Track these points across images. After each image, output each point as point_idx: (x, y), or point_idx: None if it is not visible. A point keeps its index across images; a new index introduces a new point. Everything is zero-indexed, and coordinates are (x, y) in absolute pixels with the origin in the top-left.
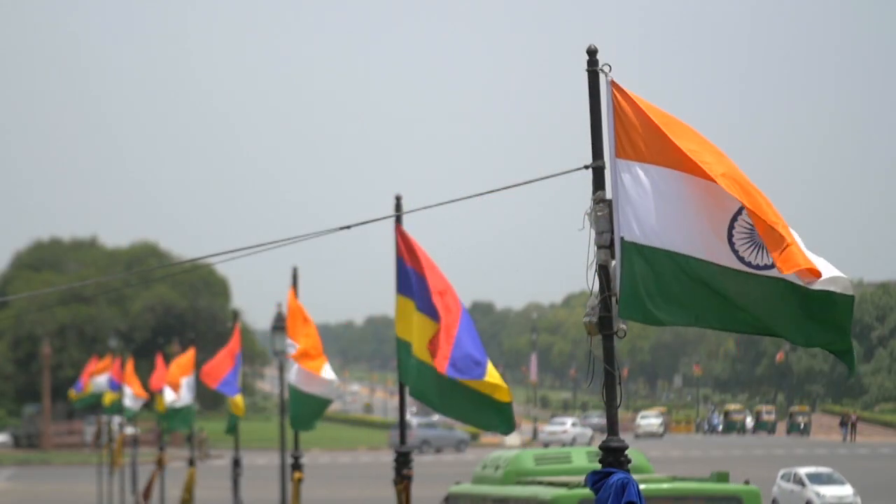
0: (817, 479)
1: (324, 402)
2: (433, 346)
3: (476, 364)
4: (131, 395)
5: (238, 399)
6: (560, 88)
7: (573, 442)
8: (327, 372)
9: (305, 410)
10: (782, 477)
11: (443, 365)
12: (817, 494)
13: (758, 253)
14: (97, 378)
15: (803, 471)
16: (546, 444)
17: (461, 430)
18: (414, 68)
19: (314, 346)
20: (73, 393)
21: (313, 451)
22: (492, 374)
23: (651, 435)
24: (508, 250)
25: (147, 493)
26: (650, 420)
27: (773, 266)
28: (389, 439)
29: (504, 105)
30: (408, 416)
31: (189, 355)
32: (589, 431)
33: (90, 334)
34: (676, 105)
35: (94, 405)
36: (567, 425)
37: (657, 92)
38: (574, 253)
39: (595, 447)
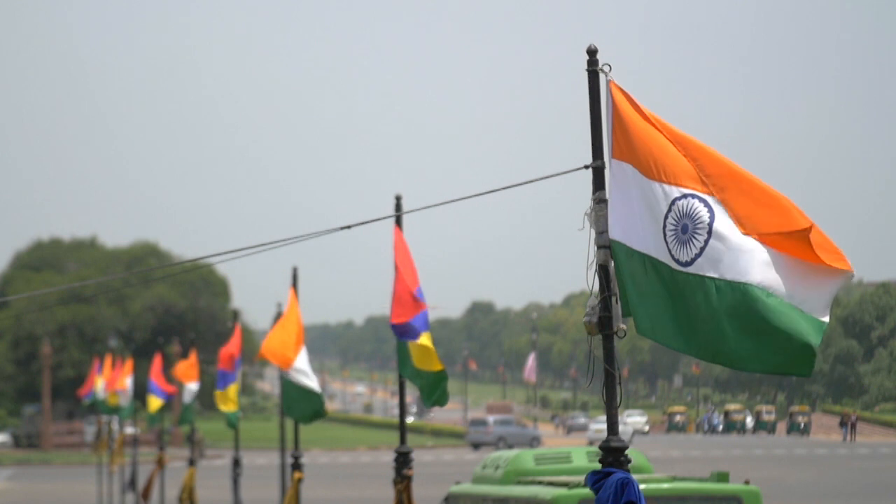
0: None
1: (317, 396)
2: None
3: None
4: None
5: (228, 391)
6: (560, 88)
7: None
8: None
9: (299, 402)
10: None
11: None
12: None
13: (681, 248)
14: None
15: None
16: (591, 442)
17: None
18: (414, 68)
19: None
20: (113, 398)
21: (313, 451)
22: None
23: (637, 433)
24: (508, 250)
25: (146, 493)
26: (635, 418)
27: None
28: (467, 437)
29: (504, 105)
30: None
31: (193, 356)
32: (630, 429)
33: (90, 334)
34: (676, 104)
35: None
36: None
37: (657, 92)
38: (574, 253)
39: (595, 447)
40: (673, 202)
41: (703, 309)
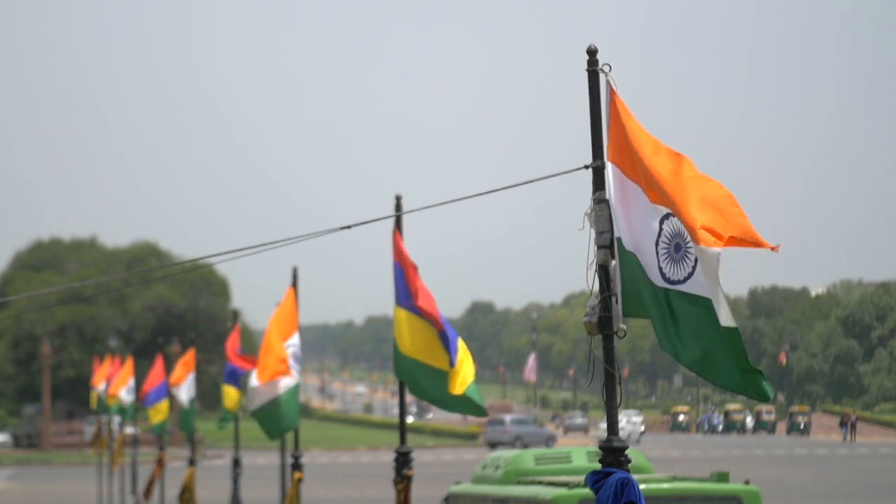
0: None
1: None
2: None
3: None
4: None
5: (234, 392)
6: (560, 88)
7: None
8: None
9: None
10: None
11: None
12: None
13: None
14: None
15: None
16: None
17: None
18: (414, 68)
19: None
20: (112, 399)
21: (313, 451)
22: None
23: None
24: (508, 250)
25: (147, 493)
26: (632, 418)
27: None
28: (485, 436)
29: (504, 105)
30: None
31: (190, 356)
32: (638, 430)
33: (90, 334)
34: (676, 105)
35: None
36: (623, 422)
37: (657, 92)
38: (574, 253)
39: (595, 447)
40: (662, 219)
41: (700, 324)
